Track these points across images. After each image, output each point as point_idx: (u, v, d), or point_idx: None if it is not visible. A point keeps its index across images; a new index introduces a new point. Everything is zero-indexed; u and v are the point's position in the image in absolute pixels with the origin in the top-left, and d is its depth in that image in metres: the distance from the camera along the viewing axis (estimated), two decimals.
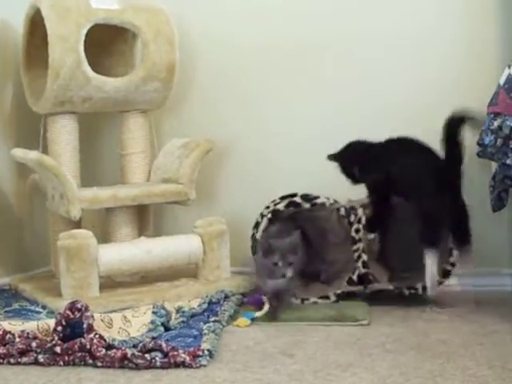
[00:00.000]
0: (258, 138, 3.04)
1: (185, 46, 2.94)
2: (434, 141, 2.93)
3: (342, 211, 2.73)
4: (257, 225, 2.75)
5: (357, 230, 2.69)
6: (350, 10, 2.96)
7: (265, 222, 2.71)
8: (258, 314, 2.47)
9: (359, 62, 2.96)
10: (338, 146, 2.96)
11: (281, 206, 2.73)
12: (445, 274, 2.66)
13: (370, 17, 2.94)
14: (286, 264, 2.52)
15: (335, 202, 2.75)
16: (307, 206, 2.73)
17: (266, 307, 2.49)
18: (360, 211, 2.70)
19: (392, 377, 1.90)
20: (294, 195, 2.75)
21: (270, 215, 2.71)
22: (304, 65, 3.00)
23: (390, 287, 2.66)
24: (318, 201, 2.74)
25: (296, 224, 2.69)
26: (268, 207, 2.76)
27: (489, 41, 2.87)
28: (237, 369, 1.99)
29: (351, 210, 2.72)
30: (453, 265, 2.66)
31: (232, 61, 3.04)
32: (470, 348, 2.13)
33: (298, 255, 2.55)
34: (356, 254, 2.67)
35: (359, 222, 2.69)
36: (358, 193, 2.81)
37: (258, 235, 2.71)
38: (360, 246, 2.68)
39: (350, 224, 2.70)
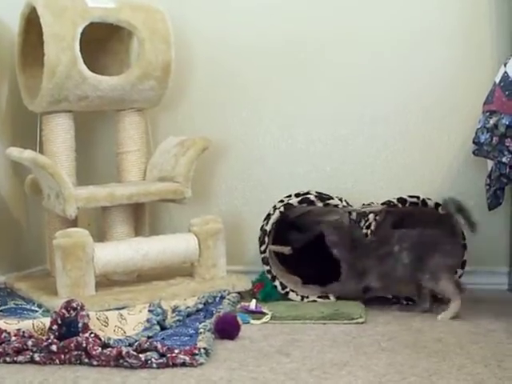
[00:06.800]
0: (253, 136, 3.04)
1: (181, 44, 2.93)
2: (432, 139, 2.95)
3: (354, 215, 2.72)
4: (268, 216, 2.75)
5: (365, 236, 2.67)
6: (348, 9, 2.96)
7: (276, 214, 2.71)
8: (253, 321, 2.44)
9: (357, 63, 2.96)
10: (335, 147, 2.98)
11: (294, 201, 2.73)
12: None
13: (367, 17, 2.95)
14: None
15: (348, 204, 2.75)
16: (320, 204, 2.73)
17: (265, 317, 2.48)
18: (371, 217, 2.67)
19: (388, 375, 1.90)
20: (308, 193, 2.76)
21: (282, 208, 2.72)
22: (301, 65, 3.00)
23: (389, 296, 2.65)
24: (332, 201, 2.73)
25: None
26: (282, 201, 2.76)
27: (485, 39, 2.87)
28: (233, 367, 1.99)
29: (363, 214, 2.70)
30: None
31: (228, 59, 3.04)
32: (465, 346, 2.13)
33: None
34: None
35: (368, 227, 2.66)
36: (353, 196, 2.83)
37: (268, 227, 2.71)
38: None
39: (360, 229, 2.69)
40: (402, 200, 2.68)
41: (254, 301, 2.56)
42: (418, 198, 2.68)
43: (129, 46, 2.98)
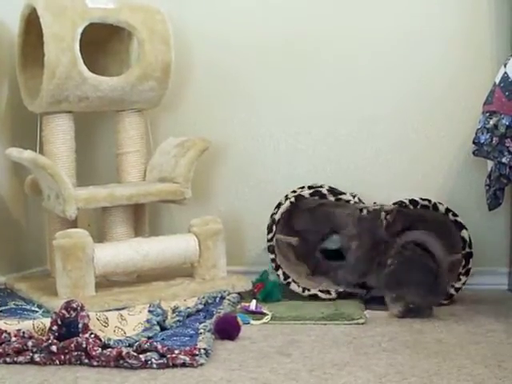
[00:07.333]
0: (253, 137, 3.04)
1: (180, 45, 2.93)
2: (431, 140, 2.95)
3: (365, 212, 2.72)
4: (278, 205, 2.77)
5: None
6: (348, 9, 2.96)
7: (287, 204, 2.73)
8: (253, 321, 2.44)
9: (357, 63, 2.96)
10: (335, 147, 2.98)
11: (306, 193, 2.75)
12: (448, 297, 2.64)
13: (367, 17, 2.94)
14: None
15: (360, 201, 2.76)
16: (332, 199, 2.75)
17: (265, 317, 2.48)
18: (382, 215, 2.67)
19: (388, 375, 1.90)
20: (321, 186, 2.78)
21: (293, 199, 2.74)
22: (301, 65, 3.00)
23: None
24: (344, 197, 2.75)
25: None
26: (294, 191, 2.79)
27: (485, 39, 2.87)
28: (233, 368, 1.99)
29: (374, 212, 2.69)
30: (457, 290, 2.66)
31: (228, 60, 3.04)
32: (465, 347, 2.13)
33: None
34: None
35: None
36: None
37: (277, 216, 2.73)
38: None
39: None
40: (413, 202, 2.69)
41: (254, 301, 2.56)
42: (429, 201, 2.69)
43: (129, 46, 2.98)
